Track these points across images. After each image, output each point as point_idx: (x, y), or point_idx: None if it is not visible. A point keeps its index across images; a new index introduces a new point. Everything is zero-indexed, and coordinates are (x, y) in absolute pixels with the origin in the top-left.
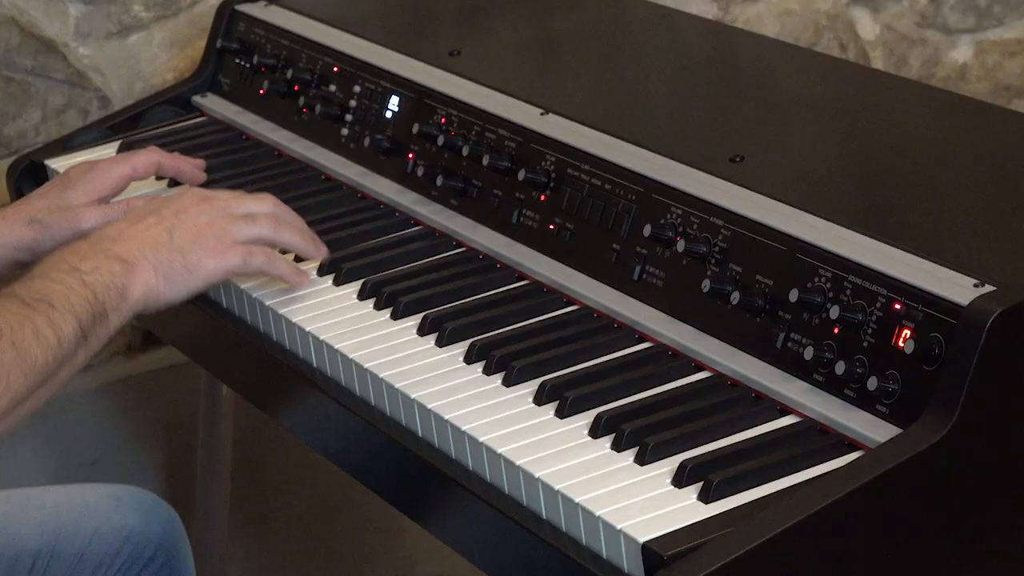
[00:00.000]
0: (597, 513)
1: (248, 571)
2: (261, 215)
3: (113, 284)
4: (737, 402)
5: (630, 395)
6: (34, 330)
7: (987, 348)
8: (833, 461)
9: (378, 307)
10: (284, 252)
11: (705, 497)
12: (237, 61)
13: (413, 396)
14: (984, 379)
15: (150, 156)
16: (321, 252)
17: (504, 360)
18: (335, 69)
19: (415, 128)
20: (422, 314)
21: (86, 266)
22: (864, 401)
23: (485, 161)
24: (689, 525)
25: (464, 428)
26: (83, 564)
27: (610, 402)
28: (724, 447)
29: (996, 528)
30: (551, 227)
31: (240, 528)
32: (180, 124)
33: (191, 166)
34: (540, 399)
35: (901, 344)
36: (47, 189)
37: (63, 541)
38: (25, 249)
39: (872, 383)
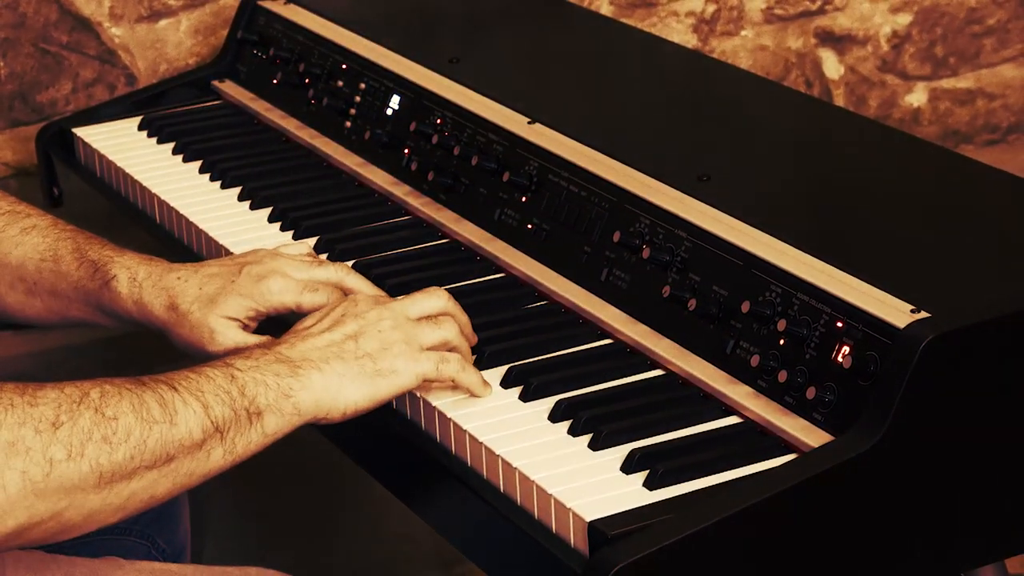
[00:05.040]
0: (550, 491)
1: (227, 518)
2: (443, 319)
3: (276, 384)
4: (686, 400)
5: (589, 385)
6: (135, 403)
7: (918, 369)
8: (769, 461)
9: None
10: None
11: (650, 484)
12: (255, 52)
13: None
14: (914, 397)
15: (325, 299)
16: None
17: (476, 345)
18: (344, 67)
19: (412, 126)
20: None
21: (243, 364)
22: (802, 408)
23: (474, 161)
24: (633, 509)
25: (435, 404)
26: None
27: (570, 390)
28: (671, 440)
29: (915, 536)
30: (529, 226)
31: (222, 480)
32: (198, 105)
33: None
34: (507, 383)
35: (840, 359)
36: (215, 273)
37: None
38: (154, 331)
39: (811, 392)
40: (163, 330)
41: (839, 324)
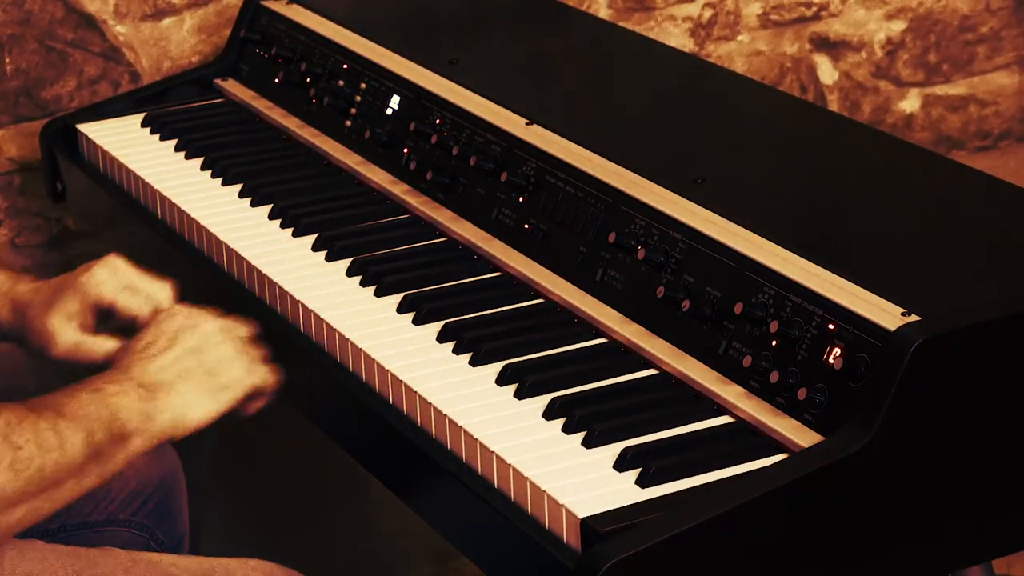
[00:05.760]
0: (543, 488)
1: (225, 510)
2: None
3: (140, 408)
4: (679, 399)
5: (583, 384)
6: (34, 431)
7: (908, 371)
8: (760, 460)
9: (364, 284)
10: None
11: (642, 482)
12: (257, 51)
13: (388, 367)
14: (904, 399)
15: (138, 305)
16: None
17: (473, 342)
18: (345, 66)
19: (412, 126)
20: (403, 294)
21: (112, 388)
22: (793, 409)
23: (472, 161)
24: (625, 506)
25: (431, 400)
26: (87, 495)
27: (564, 388)
28: (663, 438)
29: (904, 537)
30: (526, 226)
31: (220, 473)
32: (200, 103)
33: None
34: (502, 380)
35: (831, 361)
36: (60, 279)
37: None
38: (15, 341)
39: (802, 393)
40: (19, 340)
41: (830, 326)
